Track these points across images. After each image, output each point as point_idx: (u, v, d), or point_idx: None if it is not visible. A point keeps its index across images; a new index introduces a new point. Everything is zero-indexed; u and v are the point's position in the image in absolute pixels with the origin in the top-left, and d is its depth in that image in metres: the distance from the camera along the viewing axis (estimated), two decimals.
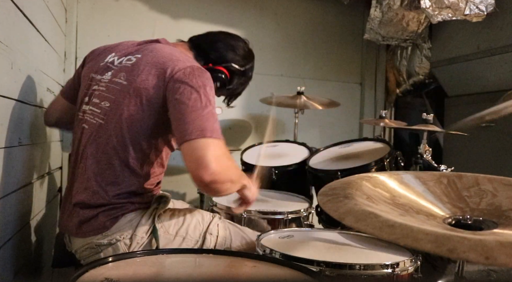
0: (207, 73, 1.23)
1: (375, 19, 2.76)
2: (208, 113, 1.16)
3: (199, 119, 1.14)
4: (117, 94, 1.24)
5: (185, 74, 1.19)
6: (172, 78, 1.19)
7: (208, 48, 1.44)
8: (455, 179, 1.05)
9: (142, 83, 1.21)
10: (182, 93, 1.17)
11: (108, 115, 1.23)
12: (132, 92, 1.22)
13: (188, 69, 1.20)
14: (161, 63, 1.23)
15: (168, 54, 1.27)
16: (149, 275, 0.89)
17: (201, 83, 1.19)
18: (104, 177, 1.21)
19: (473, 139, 2.61)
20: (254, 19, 3.03)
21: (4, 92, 1.20)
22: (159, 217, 1.25)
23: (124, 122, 1.21)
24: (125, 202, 1.23)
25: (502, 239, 0.67)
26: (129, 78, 1.24)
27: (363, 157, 1.82)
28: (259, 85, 3.01)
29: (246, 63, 1.51)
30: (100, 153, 1.23)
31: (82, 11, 2.59)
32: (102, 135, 1.23)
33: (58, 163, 2.30)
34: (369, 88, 3.39)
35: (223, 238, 1.31)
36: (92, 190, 1.21)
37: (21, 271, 1.43)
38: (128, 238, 1.21)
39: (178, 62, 1.23)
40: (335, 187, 0.98)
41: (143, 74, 1.22)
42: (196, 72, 1.20)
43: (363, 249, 1.15)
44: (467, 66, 2.71)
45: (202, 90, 1.18)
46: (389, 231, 0.73)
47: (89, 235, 1.21)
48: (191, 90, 1.17)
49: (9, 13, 1.24)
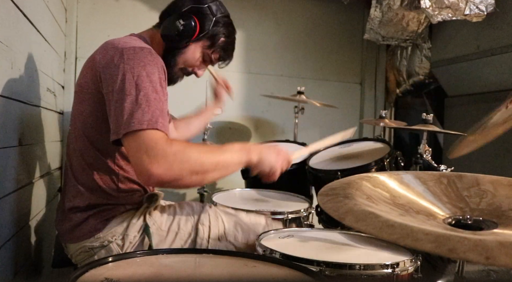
0: (141, 53, 1.10)
1: (375, 19, 2.76)
2: (131, 103, 1.03)
3: (120, 112, 1.03)
4: (74, 99, 1.26)
5: (112, 61, 1.10)
6: (101, 67, 1.14)
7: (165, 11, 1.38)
8: (455, 179, 1.05)
9: (83, 79, 1.22)
10: (107, 83, 1.10)
11: (71, 120, 1.27)
12: (78, 90, 1.24)
13: (117, 54, 1.11)
14: (95, 54, 1.21)
15: (106, 43, 1.22)
16: (149, 275, 0.89)
17: (129, 67, 1.07)
18: (84, 180, 1.23)
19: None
20: (254, 19, 3.03)
21: (4, 92, 1.20)
22: (150, 214, 1.25)
23: (78, 122, 1.23)
24: (113, 203, 1.23)
25: (502, 239, 0.67)
26: (78, 80, 1.27)
27: (363, 157, 1.82)
28: (259, 85, 3.02)
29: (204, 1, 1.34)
30: (74, 158, 1.25)
31: (82, 11, 2.59)
32: (71, 141, 1.27)
33: (58, 163, 2.30)
34: (369, 88, 3.39)
35: (216, 227, 1.29)
36: (78, 193, 1.23)
37: (21, 271, 1.43)
38: (120, 238, 1.21)
39: (110, 49, 1.16)
40: (335, 187, 0.98)
41: (84, 69, 1.25)
42: (125, 55, 1.09)
43: (363, 249, 1.15)
44: (467, 66, 2.71)
45: (129, 75, 1.06)
46: (389, 231, 0.73)
47: (81, 239, 1.22)
48: (115, 79, 1.07)
49: (9, 13, 1.24)
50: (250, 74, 3.01)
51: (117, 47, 1.14)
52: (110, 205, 1.23)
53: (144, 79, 1.06)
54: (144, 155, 1.00)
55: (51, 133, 1.98)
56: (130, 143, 1.02)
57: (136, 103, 1.03)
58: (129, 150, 1.03)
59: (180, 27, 1.28)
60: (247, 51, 2.95)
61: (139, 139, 1.01)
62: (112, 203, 1.23)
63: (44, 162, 1.83)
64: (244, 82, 3.00)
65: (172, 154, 1.01)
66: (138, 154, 1.01)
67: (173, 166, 1.01)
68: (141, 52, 1.10)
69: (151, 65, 1.09)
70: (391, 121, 2.45)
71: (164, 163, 1.00)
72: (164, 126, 1.04)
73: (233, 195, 1.76)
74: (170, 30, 1.30)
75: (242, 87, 3.00)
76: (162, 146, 1.01)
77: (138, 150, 1.01)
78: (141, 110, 1.02)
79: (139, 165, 1.01)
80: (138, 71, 1.07)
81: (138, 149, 1.01)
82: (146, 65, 1.08)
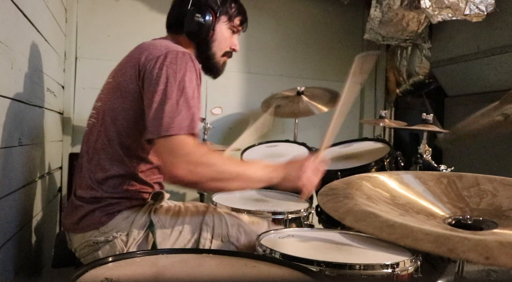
0: (183, 58, 1.18)
1: (375, 19, 2.76)
2: (172, 106, 1.11)
3: (160, 115, 1.11)
4: (106, 93, 1.29)
5: (156, 62, 1.17)
6: (144, 67, 1.19)
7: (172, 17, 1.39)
8: (455, 179, 1.05)
9: (122, 76, 1.25)
10: (150, 83, 1.16)
11: (98, 113, 1.28)
12: (115, 87, 1.26)
13: (161, 57, 1.17)
14: (138, 54, 1.24)
15: (147, 45, 1.27)
16: (149, 275, 0.89)
17: (172, 71, 1.14)
18: (96, 174, 1.24)
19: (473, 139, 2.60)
20: (254, 19, 3.01)
21: (4, 92, 1.20)
22: (155, 212, 1.26)
23: (109, 117, 1.24)
24: (120, 198, 1.24)
25: (502, 239, 0.67)
26: (114, 75, 1.30)
27: (363, 157, 1.82)
28: (259, 85, 3.02)
29: None
30: (91, 151, 1.26)
31: (82, 11, 2.59)
32: (93, 133, 1.28)
33: (58, 163, 2.30)
34: (369, 88, 3.39)
35: (220, 228, 1.30)
36: (88, 186, 1.24)
37: (21, 271, 1.43)
38: (124, 234, 1.22)
39: (153, 50, 1.21)
40: (335, 187, 0.98)
41: (123, 68, 1.26)
42: (168, 58, 1.16)
43: (363, 249, 1.15)
44: (467, 66, 2.71)
45: (172, 79, 1.13)
46: (389, 231, 0.74)
47: (86, 230, 1.23)
48: (158, 81, 1.14)
49: (9, 13, 1.24)
50: (250, 74, 3.01)
51: (161, 49, 1.20)
52: (116, 199, 1.24)
53: (185, 84, 1.14)
54: (174, 157, 1.10)
55: (51, 133, 1.98)
56: (165, 144, 1.11)
57: (177, 107, 1.12)
58: (162, 150, 1.13)
59: (201, 20, 1.34)
60: (247, 51, 2.95)
61: (174, 142, 1.10)
62: (118, 197, 1.24)
63: (44, 162, 1.83)
64: (244, 82, 3.00)
65: (198, 158, 1.11)
66: (169, 155, 1.10)
67: (197, 170, 1.11)
68: (183, 57, 1.18)
69: (191, 71, 1.17)
70: (391, 121, 2.45)
71: (188, 166, 1.10)
72: (198, 131, 1.15)
73: (233, 195, 1.76)
74: (194, 26, 1.34)
75: (242, 87, 3.00)
76: (192, 150, 1.11)
77: (170, 152, 1.10)
78: (181, 115, 1.11)
79: (167, 165, 1.11)
80: (180, 76, 1.15)
81: (170, 151, 1.10)
82: (187, 70, 1.16)
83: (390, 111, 3.45)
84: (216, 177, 1.14)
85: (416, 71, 3.10)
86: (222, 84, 2.92)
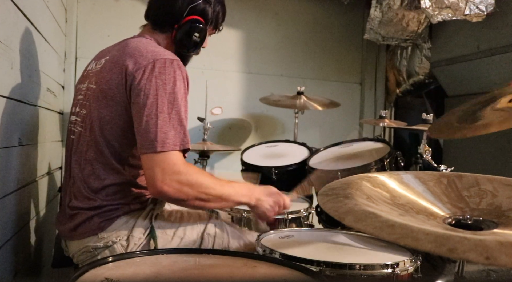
0: (171, 67, 1.16)
1: (375, 19, 2.76)
2: (164, 120, 1.12)
3: (154, 129, 1.11)
4: (90, 99, 1.25)
5: (144, 73, 1.15)
6: (132, 76, 1.16)
7: (161, 15, 1.36)
8: (455, 179, 1.05)
9: (107, 84, 1.21)
10: (138, 95, 1.14)
11: (85, 122, 1.25)
12: (100, 94, 1.22)
13: (149, 66, 1.15)
14: (123, 60, 1.20)
15: (132, 49, 1.23)
16: (149, 275, 0.89)
17: (161, 82, 1.14)
18: (91, 184, 1.22)
19: (473, 139, 2.61)
20: (254, 19, 3.03)
21: (4, 92, 1.20)
22: (156, 217, 1.25)
23: (97, 127, 1.21)
24: (118, 204, 1.22)
25: (502, 239, 0.67)
26: (97, 81, 1.25)
27: (363, 157, 1.82)
28: (259, 85, 3.02)
29: None
30: (83, 162, 1.24)
31: (82, 11, 2.59)
32: (82, 143, 1.25)
33: (58, 163, 2.30)
34: (369, 88, 3.39)
35: (221, 238, 1.30)
36: (84, 197, 1.22)
37: (21, 271, 1.43)
38: (124, 239, 1.20)
39: (139, 58, 1.18)
40: (335, 187, 0.98)
41: (108, 73, 1.22)
42: (157, 68, 1.15)
43: (363, 249, 1.15)
44: (467, 66, 2.71)
45: (161, 92, 1.13)
46: (389, 231, 0.73)
47: (84, 236, 1.21)
48: (148, 93, 1.13)
49: (9, 13, 1.24)
50: (250, 74, 3.01)
51: (147, 56, 1.18)
52: (115, 205, 1.22)
53: (175, 96, 1.14)
54: (165, 174, 1.11)
55: (51, 133, 1.98)
56: (157, 159, 1.11)
57: (169, 121, 1.12)
58: (152, 165, 1.12)
59: (197, 39, 1.35)
60: (247, 51, 2.95)
61: (167, 158, 1.11)
62: (117, 203, 1.22)
63: (44, 162, 1.83)
64: (244, 82, 3.00)
65: (188, 178, 1.13)
66: (160, 171, 1.11)
67: (184, 189, 1.13)
68: (171, 66, 1.17)
69: (180, 80, 1.17)
70: (391, 121, 2.45)
71: (177, 184, 1.11)
72: (188, 146, 1.16)
73: None
74: (187, 43, 1.35)
75: (242, 87, 3.00)
76: (183, 170, 1.12)
77: (162, 168, 1.11)
78: (174, 130, 1.13)
79: (156, 180, 1.11)
80: (170, 87, 1.14)
81: (162, 167, 1.11)
82: (176, 80, 1.16)
83: (390, 111, 3.46)
84: (201, 197, 1.16)
85: (416, 71, 3.10)
86: (222, 84, 2.93)
